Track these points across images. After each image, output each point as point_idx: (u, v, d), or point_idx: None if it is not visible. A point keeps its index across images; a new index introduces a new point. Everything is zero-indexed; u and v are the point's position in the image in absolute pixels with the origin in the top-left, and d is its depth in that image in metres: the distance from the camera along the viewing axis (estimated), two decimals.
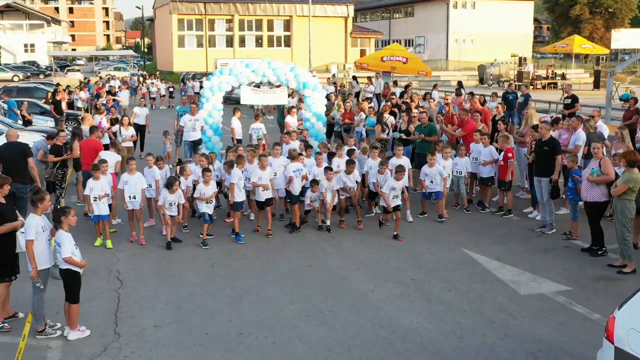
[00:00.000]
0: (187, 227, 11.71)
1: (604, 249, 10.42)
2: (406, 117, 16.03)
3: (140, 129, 19.41)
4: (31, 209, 7.63)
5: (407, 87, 24.55)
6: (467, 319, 8.08)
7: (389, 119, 16.43)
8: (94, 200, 10.74)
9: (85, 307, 7.93)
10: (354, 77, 33.78)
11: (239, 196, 11.20)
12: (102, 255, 10.40)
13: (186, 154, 16.29)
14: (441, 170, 12.47)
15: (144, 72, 46.33)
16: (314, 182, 11.74)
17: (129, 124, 16.84)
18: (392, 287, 9.11)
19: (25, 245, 7.35)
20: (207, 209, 11.05)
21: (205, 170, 11.27)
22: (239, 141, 16.90)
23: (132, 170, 11.21)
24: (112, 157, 12.16)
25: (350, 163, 12.16)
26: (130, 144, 16.49)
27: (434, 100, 19.84)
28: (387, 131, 16.03)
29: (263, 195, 11.52)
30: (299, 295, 8.83)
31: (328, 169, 11.91)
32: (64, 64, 73.64)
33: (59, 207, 10.07)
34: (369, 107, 18.10)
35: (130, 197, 11.05)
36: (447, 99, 18.77)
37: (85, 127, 15.07)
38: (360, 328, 7.81)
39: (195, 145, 16.22)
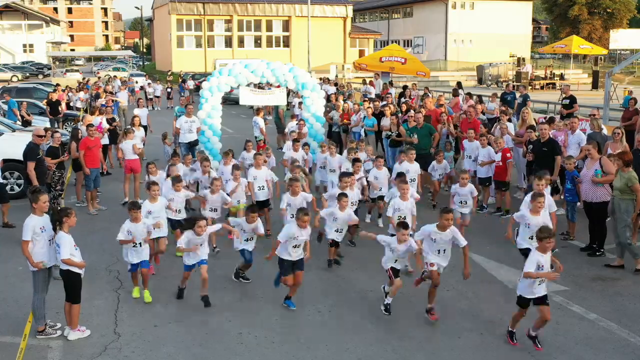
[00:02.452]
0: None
1: (602, 250, 10.47)
2: (395, 119, 16.08)
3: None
4: (32, 209, 7.65)
5: (405, 87, 24.57)
6: (464, 318, 8.13)
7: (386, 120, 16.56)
8: (134, 247, 8.58)
9: (86, 307, 7.96)
10: (326, 79, 34.35)
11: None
12: (102, 256, 10.42)
13: (182, 156, 16.25)
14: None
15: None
16: (343, 195, 9.53)
17: (140, 124, 16.63)
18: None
19: (21, 246, 7.36)
20: (245, 245, 9.04)
21: (251, 208, 9.03)
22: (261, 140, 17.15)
23: (155, 197, 9.61)
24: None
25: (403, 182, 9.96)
26: (141, 145, 16.27)
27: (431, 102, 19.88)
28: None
29: (260, 195, 11.36)
30: (297, 294, 8.85)
31: (345, 174, 10.33)
32: (40, 69, 70.20)
33: (59, 208, 10.09)
34: (367, 108, 18.15)
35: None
36: (439, 99, 18.77)
37: (84, 128, 15.13)
38: (358, 327, 7.86)
39: (191, 146, 16.20)
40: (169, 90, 38.12)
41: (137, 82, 42.25)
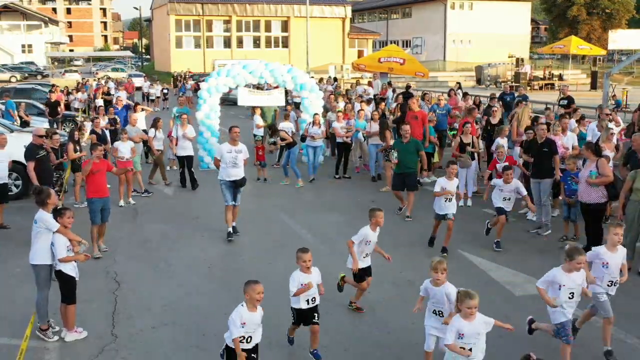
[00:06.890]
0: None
1: None
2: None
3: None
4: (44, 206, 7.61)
5: (408, 87, 24.41)
6: None
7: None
8: None
9: (83, 309, 7.95)
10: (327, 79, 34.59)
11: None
12: (100, 257, 10.42)
13: (226, 199, 11.46)
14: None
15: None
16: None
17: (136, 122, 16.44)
18: (388, 288, 9.15)
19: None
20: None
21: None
22: (263, 138, 17.19)
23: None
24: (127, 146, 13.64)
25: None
26: (139, 143, 16.08)
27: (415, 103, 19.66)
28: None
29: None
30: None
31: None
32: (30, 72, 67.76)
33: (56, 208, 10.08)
34: (360, 111, 18.00)
35: None
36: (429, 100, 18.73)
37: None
38: (356, 329, 7.86)
39: (236, 186, 11.42)
40: (165, 91, 38.04)
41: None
